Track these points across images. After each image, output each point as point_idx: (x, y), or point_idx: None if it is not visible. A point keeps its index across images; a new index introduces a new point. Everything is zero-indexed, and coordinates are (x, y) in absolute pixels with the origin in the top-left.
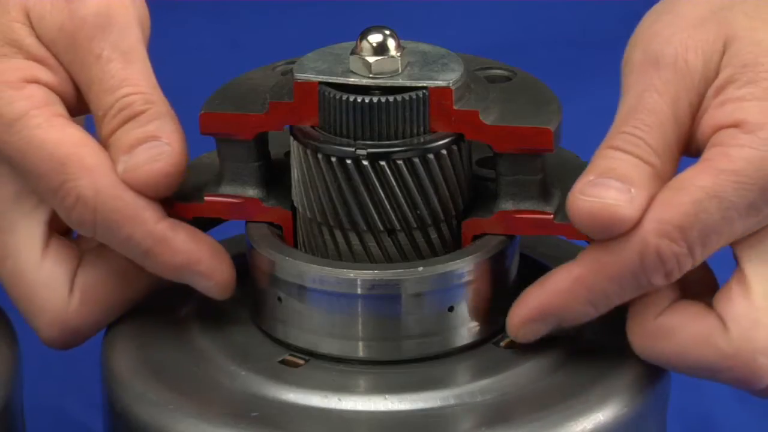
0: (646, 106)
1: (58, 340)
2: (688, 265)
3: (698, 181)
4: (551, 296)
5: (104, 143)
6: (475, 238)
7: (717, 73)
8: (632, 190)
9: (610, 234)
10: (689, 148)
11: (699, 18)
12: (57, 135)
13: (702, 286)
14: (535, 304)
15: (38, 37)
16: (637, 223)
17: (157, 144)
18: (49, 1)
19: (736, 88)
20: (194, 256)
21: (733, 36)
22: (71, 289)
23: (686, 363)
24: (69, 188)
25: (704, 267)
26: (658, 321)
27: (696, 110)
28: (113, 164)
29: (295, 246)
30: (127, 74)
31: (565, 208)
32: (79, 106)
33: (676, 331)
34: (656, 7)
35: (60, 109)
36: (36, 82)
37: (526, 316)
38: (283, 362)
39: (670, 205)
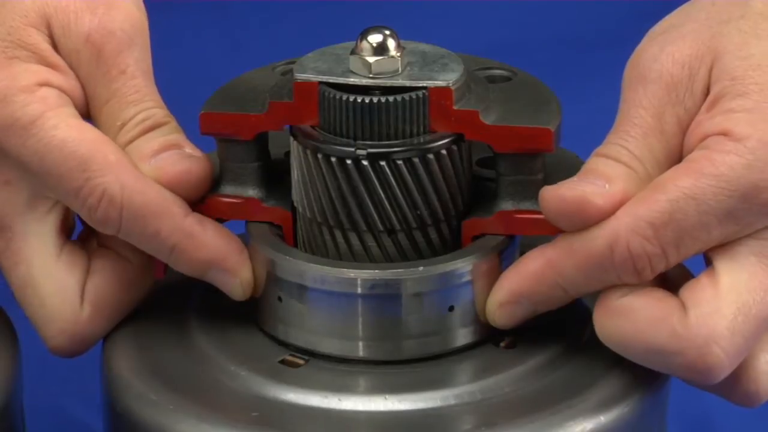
0: (632, 120)
1: (66, 348)
2: (660, 266)
3: (678, 182)
4: (523, 278)
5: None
6: (475, 238)
7: (705, 86)
8: (606, 185)
9: (579, 222)
10: (680, 160)
11: (694, 31)
12: (76, 134)
13: (676, 281)
14: (509, 286)
15: (55, 45)
16: (612, 217)
17: (182, 151)
18: (72, 10)
19: (727, 101)
20: (221, 252)
21: (722, 50)
22: (82, 298)
23: (640, 343)
24: (94, 185)
25: (680, 265)
26: (621, 300)
27: (684, 122)
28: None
29: (295, 246)
30: (150, 90)
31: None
32: (86, 114)
33: (634, 310)
34: (660, 23)
35: (73, 110)
36: (48, 84)
37: (500, 299)
38: (283, 362)
39: (646, 202)
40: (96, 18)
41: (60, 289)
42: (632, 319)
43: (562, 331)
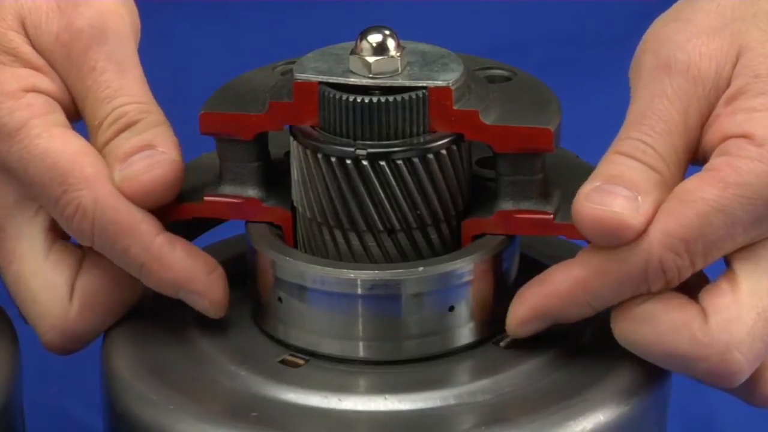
0: (656, 113)
1: (58, 345)
2: (687, 274)
3: (704, 194)
4: (551, 297)
5: (99, 153)
6: (475, 238)
7: (728, 83)
8: (639, 198)
9: (615, 242)
10: (695, 156)
11: (712, 27)
12: (58, 145)
13: (694, 283)
14: (534, 304)
15: (33, 46)
16: (643, 233)
17: (154, 153)
18: (44, 10)
19: (748, 99)
20: (189, 274)
21: (745, 46)
22: (71, 296)
23: (662, 349)
24: (70, 198)
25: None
26: (642, 307)
27: (705, 116)
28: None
29: (295, 246)
30: (122, 84)
31: (571, 213)
32: (77, 114)
33: (656, 317)
34: (667, 13)
35: (59, 117)
36: (35, 90)
37: (524, 316)
38: (283, 362)
39: (676, 218)
40: (65, 17)
41: (49, 287)
42: (654, 325)
43: (562, 332)
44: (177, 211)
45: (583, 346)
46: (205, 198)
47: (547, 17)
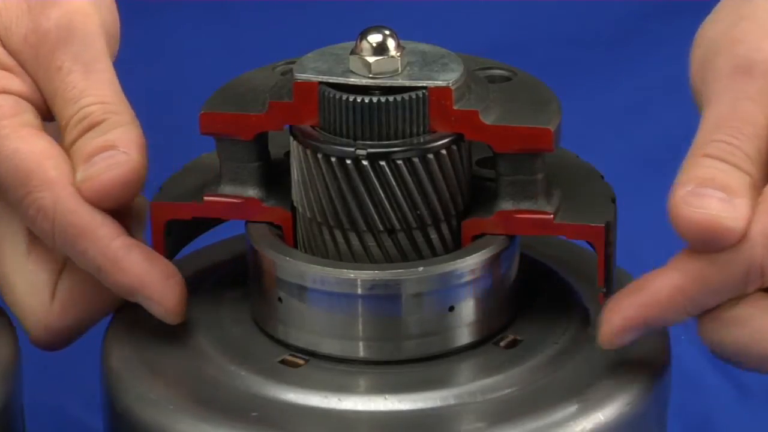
0: (741, 115)
1: (43, 341)
2: None
3: None
4: (650, 305)
5: (66, 154)
6: (475, 238)
7: None
8: (735, 200)
9: (716, 246)
10: None
11: None
12: (25, 146)
13: None
14: (632, 314)
15: (5, 47)
16: (743, 236)
17: (114, 153)
18: (15, 12)
19: None
20: (144, 279)
21: None
22: (53, 294)
23: (756, 352)
24: (32, 200)
25: None
26: (734, 311)
27: None
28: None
29: (295, 246)
30: (88, 85)
31: (669, 217)
32: (50, 114)
33: (749, 320)
34: (722, 13)
35: (29, 117)
36: (4, 91)
37: (621, 326)
38: (283, 362)
39: None
40: (33, 18)
41: (31, 285)
42: (747, 328)
43: (562, 331)
44: (177, 211)
45: (583, 346)
46: (205, 198)
47: (547, 17)
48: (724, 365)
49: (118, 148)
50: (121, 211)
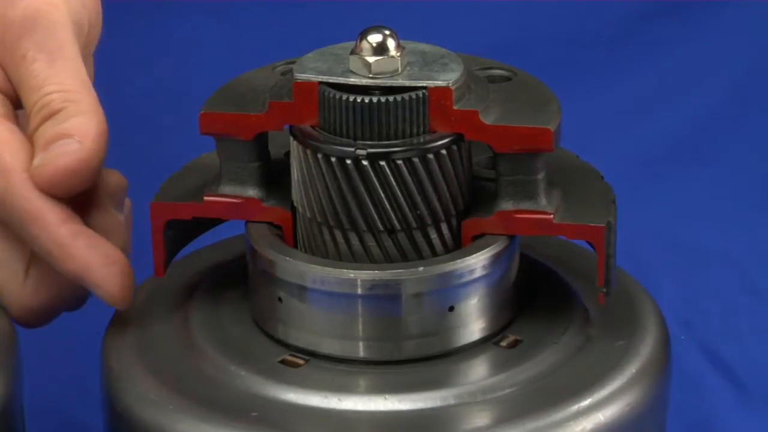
0: None
1: (22, 320)
2: None
3: None
4: None
5: (30, 141)
6: (475, 238)
7: None
8: None
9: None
10: None
11: None
12: None
13: None
14: None
15: None
16: None
17: (67, 142)
18: None
19: None
20: (86, 265)
21: None
22: (27, 273)
23: None
24: None
25: None
26: None
27: None
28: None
29: (295, 246)
30: (50, 74)
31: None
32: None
33: None
34: None
35: None
36: None
37: None
38: (283, 362)
39: None
40: (0, 9)
41: (5, 264)
42: None
43: (562, 331)
44: (177, 211)
45: (583, 346)
46: (205, 198)
47: (547, 17)
48: (724, 365)
49: (72, 136)
50: (90, 191)
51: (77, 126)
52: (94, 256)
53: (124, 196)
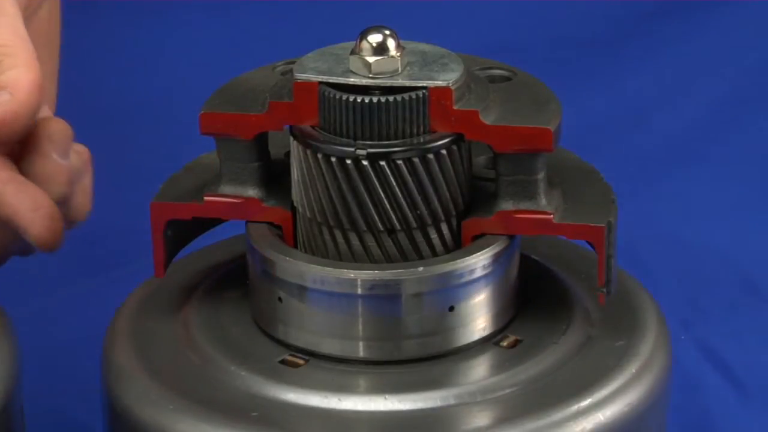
0: None
1: None
2: None
3: None
4: None
5: None
6: (475, 238)
7: None
8: None
9: None
10: None
11: None
12: None
13: None
14: None
15: None
16: None
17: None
18: None
19: None
20: (15, 208)
21: None
22: None
23: None
24: None
25: None
26: None
27: None
28: None
29: (295, 246)
30: None
31: None
32: None
33: None
34: None
35: None
36: None
37: None
38: (283, 362)
39: None
40: None
41: None
42: None
43: (562, 332)
44: (177, 211)
45: (584, 346)
46: (205, 198)
47: (547, 17)
48: (724, 365)
49: (5, 89)
50: (31, 138)
51: (11, 78)
52: (22, 202)
53: (69, 143)
